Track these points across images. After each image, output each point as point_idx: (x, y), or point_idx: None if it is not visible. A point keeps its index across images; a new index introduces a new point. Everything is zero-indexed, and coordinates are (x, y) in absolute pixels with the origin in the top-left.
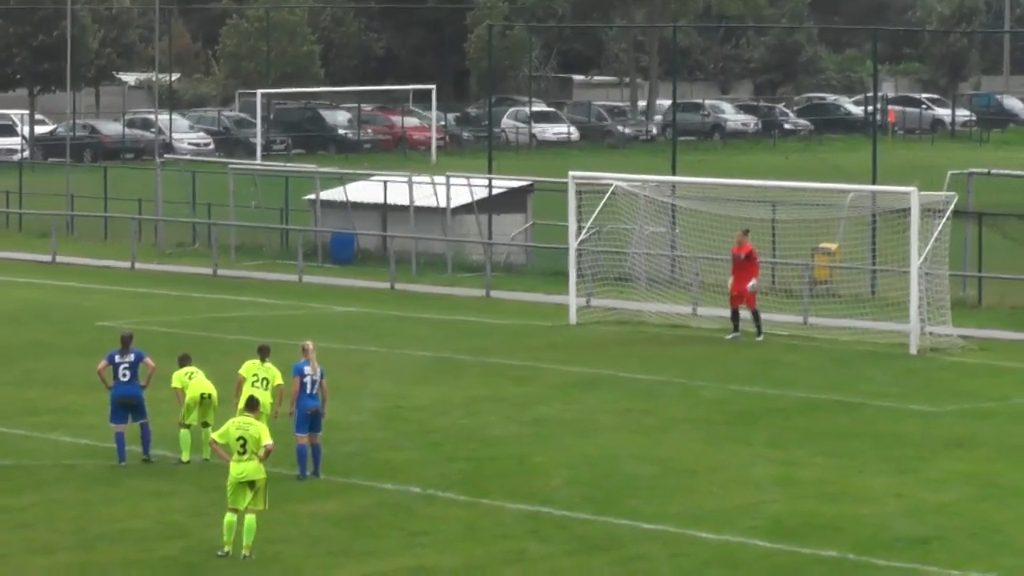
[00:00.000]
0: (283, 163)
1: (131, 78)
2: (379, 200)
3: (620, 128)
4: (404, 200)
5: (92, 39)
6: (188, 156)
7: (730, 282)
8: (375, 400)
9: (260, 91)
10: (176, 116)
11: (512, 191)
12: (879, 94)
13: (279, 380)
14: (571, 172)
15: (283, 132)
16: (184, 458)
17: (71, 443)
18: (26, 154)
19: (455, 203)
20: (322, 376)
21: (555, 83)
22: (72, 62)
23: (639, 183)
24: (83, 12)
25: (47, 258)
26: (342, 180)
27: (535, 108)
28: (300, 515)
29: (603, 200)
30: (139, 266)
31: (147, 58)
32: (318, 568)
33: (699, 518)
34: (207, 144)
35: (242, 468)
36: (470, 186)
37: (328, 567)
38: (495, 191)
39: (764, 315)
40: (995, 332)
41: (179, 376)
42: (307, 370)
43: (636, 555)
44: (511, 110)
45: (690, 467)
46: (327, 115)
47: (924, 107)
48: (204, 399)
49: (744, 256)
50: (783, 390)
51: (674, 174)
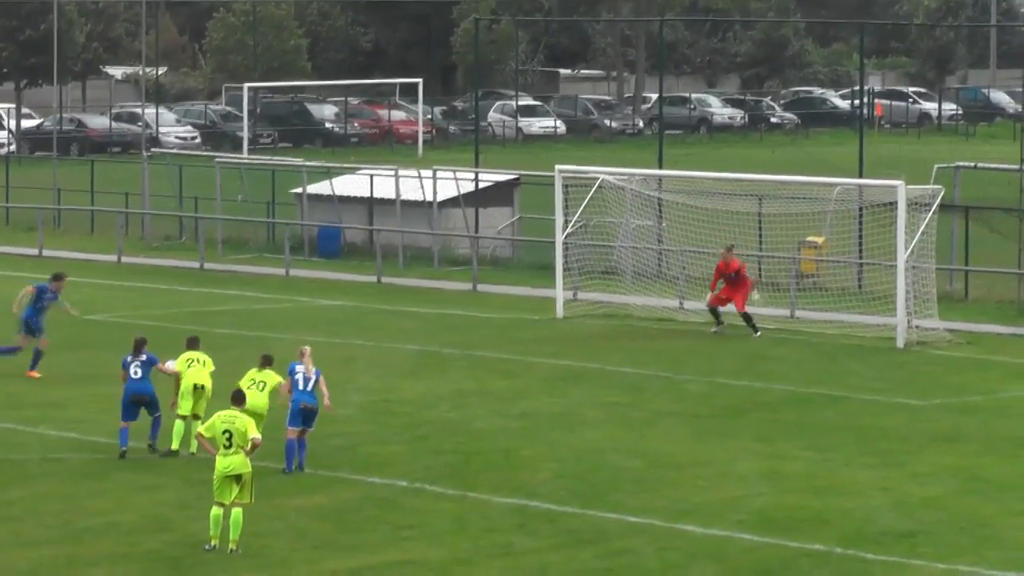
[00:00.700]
0: (270, 157)
1: (118, 72)
2: (366, 194)
3: (607, 122)
4: (391, 194)
5: (79, 33)
6: (175, 150)
7: (714, 292)
8: (362, 394)
9: (247, 85)
10: (163, 110)
11: (499, 185)
12: (866, 88)
13: (275, 382)
14: (558, 166)
15: (270, 126)
16: (173, 446)
17: (57, 437)
18: (13, 148)
19: (442, 197)
20: (318, 377)
21: (542, 77)
22: (59, 56)
23: (626, 177)
24: (70, 6)
25: (34, 252)
26: (329, 174)
27: (522, 102)
28: (287, 509)
29: (590, 194)
30: (126, 260)
31: (134, 52)
32: (305, 562)
33: (685, 512)
34: (194, 138)
35: (228, 462)
36: (457, 180)
37: (315, 561)
38: (482, 185)
39: (751, 308)
40: (981, 326)
41: (181, 360)
42: (299, 368)
43: (623, 549)
44: (498, 104)
45: (676, 461)
46: (314, 109)
47: (911, 101)
48: (196, 389)
49: (734, 274)
50: (769, 384)
51: (660, 168)
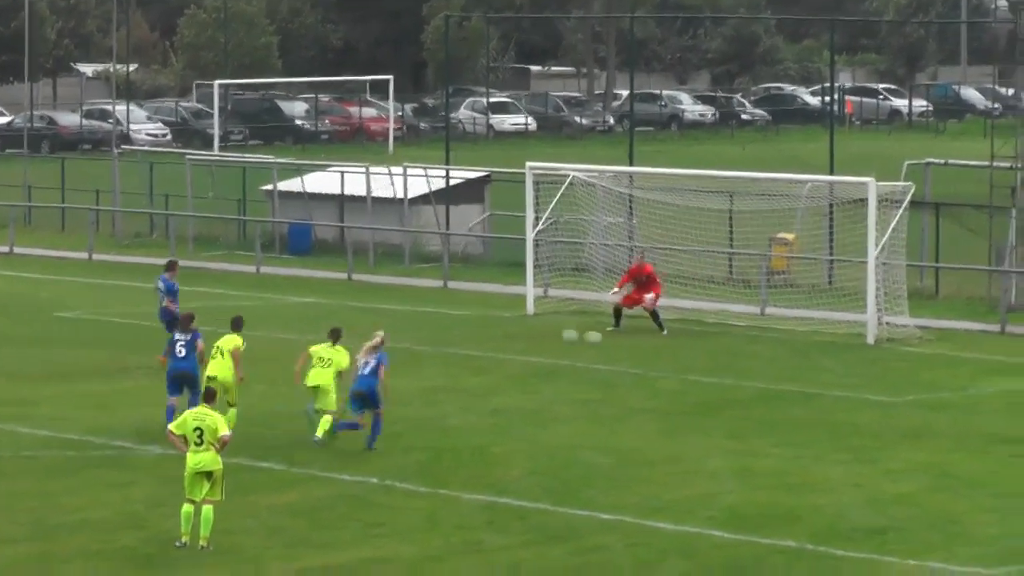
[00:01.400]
0: (240, 154)
1: (89, 69)
2: (336, 191)
3: (577, 119)
4: (361, 191)
5: (50, 30)
6: (146, 147)
7: (620, 291)
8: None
9: (218, 82)
10: (134, 107)
11: (470, 182)
12: (836, 84)
13: (345, 365)
14: (528, 163)
15: (241, 123)
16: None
17: (30, 434)
18: None
19: (412, 194)
20: (378, 363)
21: (512, 74)
22: (30, 53)
23: (596, 174)
24: (41, 3)
25: (5, 249)
26: (299, 171)
27: (492, 99)
28: (258, 506)
29: (560, 191)
30: (97, 257)
31: (105, 49)
32: (277, 559)
33: (657, 509)
34: (165, 135)
35: (199, 459)
36: (427, 177)
37: (287, 558)
38: (452, 182)
39: (722, 305)
40: (952, 322)
41: (236, 338)
42: (362, 356)
43: (594, 546)
44: (468, 101)
45: (648, 458)
46: (284, 106)
47: (881, 97)
48: (210, 380)
49: (645, 277)
50: (741, 381)
51: (631, 164)
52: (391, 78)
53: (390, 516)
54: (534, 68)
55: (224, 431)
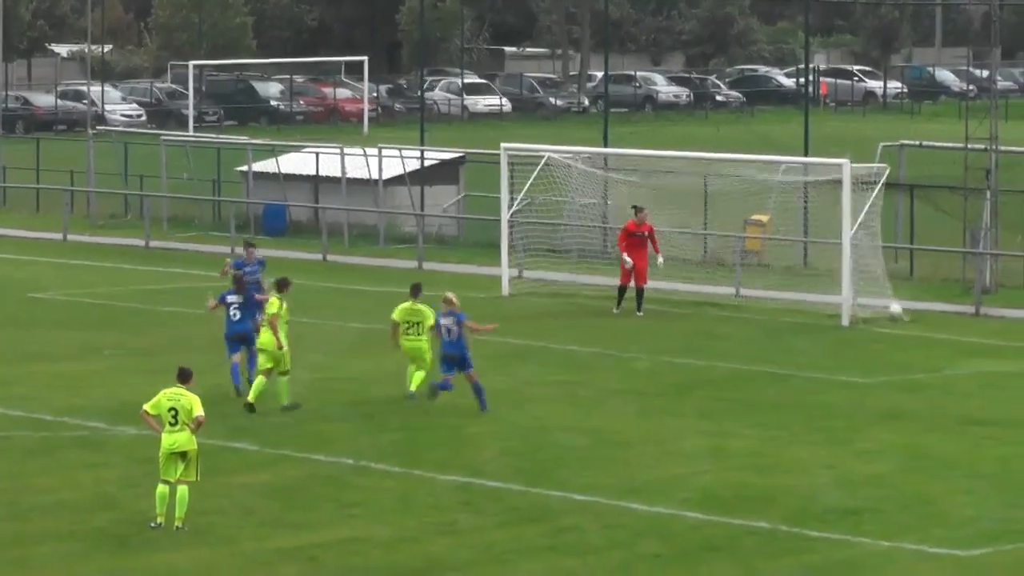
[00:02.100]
0: (215, 135)
1: (63, 50)
2: (311, 172)
3: (552, 100)
4: (336, 172)
5: (24, 10)
6: (120, 128)
7: (622, 254)
8: (307, 371)
9: (192, 63)
10: (108, 88)
11: (444, 163)
12: (811, 66)
13: (431, 321)
14: (503, 144)
15: (215, 104)
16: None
17: (2, 415)
18: None
19: (387, 175)
20: (459, 323)
21: (487, 55)
22: (4, 33)
23: (571, 155)
24: None
25: None
26: (274, 152)
27: (467, 80)
28: (233, 486)
29: (535, 172)
30: (71, 238)
31: (79, 29)
32: (251, 539)
33: (631, 490)
34: (139, 116)
35: (174, 439)
36: (402, 158)
37: (261, 538)
38: (427, 163)
39: (696, 287)
40: (926, 304)
41: (274, 302)
42: (443, 321)
43: (568, 526)
44: (443, 82)
45: (622, 439)
46: (259, 87)
47: (856, 79)
48: (260, 351)
49: (645, 233)
50: (715, 362)
51: (606, 146)
52: (366, 59)
53: (365, 496)
54: (508, 49)
55: (198, 411)
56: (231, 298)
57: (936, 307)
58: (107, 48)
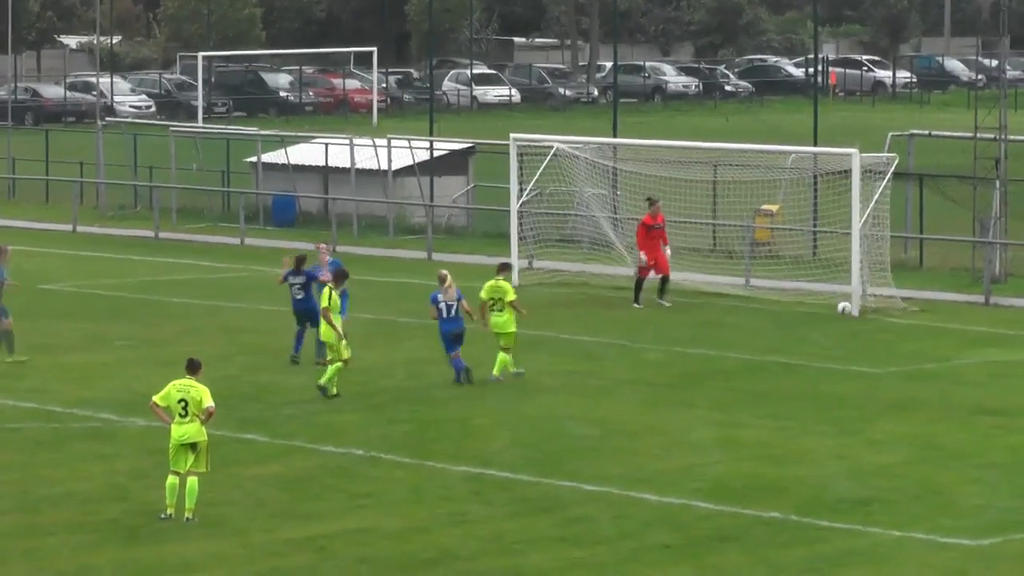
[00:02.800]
0: (224, 126)
1: (72, 41)
2: (320, 162)
3: (561, 90)
4: (345, 162)
5: (33, 2)
6: (129, 119)
7: (640, 250)
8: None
9: (201, 54)
10: (117, 79)
11: (453, 153)
12: (820, 56)
13: (512, 296)
14: (512, 134)
15: (224, 95)
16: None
17: (13, 406)
18: None
19: (396, 165)
20: (459, 299)
21: (496, 46)
22: (13, 25)
23: (580, 145)
24: None
25: None
26: (283, 143)
27: (476, 71)
28: (243, 477)
29: (544, 162)
30: (81, 229)
31: (88, 21)
32: (262, 530)
33: (641, 480)
34: (148, 107)
35: (184, 430)
36: (411, 148)
37: (271, 529)
38: (436, 153)
39: (706, 276)
40: (936, 293)
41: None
42: (441, 297)
43: (579, 517)
44: (452, 72)
45: (632, 429)
46: (268, 78)
47: (865, 69)
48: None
49: (661, 224)
50: (725, 352)
51: (615, 136)
52: (375, 50)
53: (375, 487)
54: (518, 40)
55: (208, 402)
56: (292, 279)
57: (946, 296)
58: (116, 39)
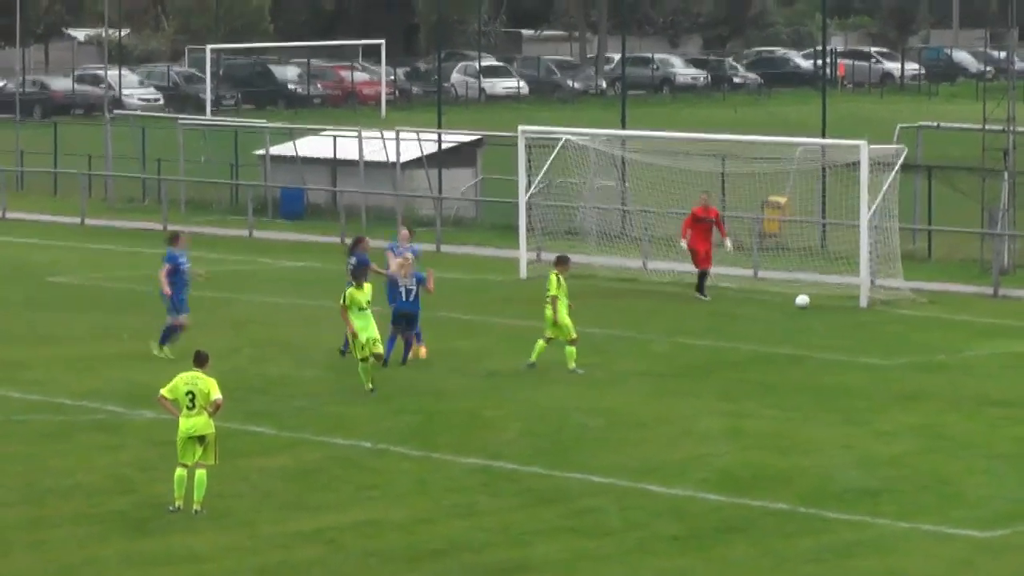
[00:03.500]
0: (233, 118)
1: (80, 34)
2: (329, 155)
3: (570, 82)
4: (354, 155)
5: None
6: (138, 112)
7: (685, 239)
8: (325, 355)
9: (209, 46)
10: (126, 72)
11: (462, 146)
12: (828, 48)
13: (550, 291)
14: (521, 126)
15: (233, 87)
16: (368, 386)
17: (20, 398)
18: None
19: (405, 158)
20: (419, 282)
21: (504, 38)
22: (21, 18)
23: (589, 137)
24: None
25: None
26: (292, 135)
27: (484, 63)
28: (251, 470)
29: (553, 154)
30: (89, 222)
31: (96, 13)
32: (270, 522)
33: (649, 471)
34: (157, 100)
35: (191, 423)
36: (420, 141)
37: (279, 521)
38: (445, 146)
39: (714, 268)
40: (945, 285)
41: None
42: (401, 277)
43: (587, 508)
44: (460, 65)
45: (640, 420)
46: (276, 70)
47: (873, 61)
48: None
49: (712, 219)
50: (733, 343)
51: (624, 128)
52: (383, 42)
53: (382, 479)
54: (526, 32)
55: (216, 395)
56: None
57: (954, 288)
58: (124, 32)
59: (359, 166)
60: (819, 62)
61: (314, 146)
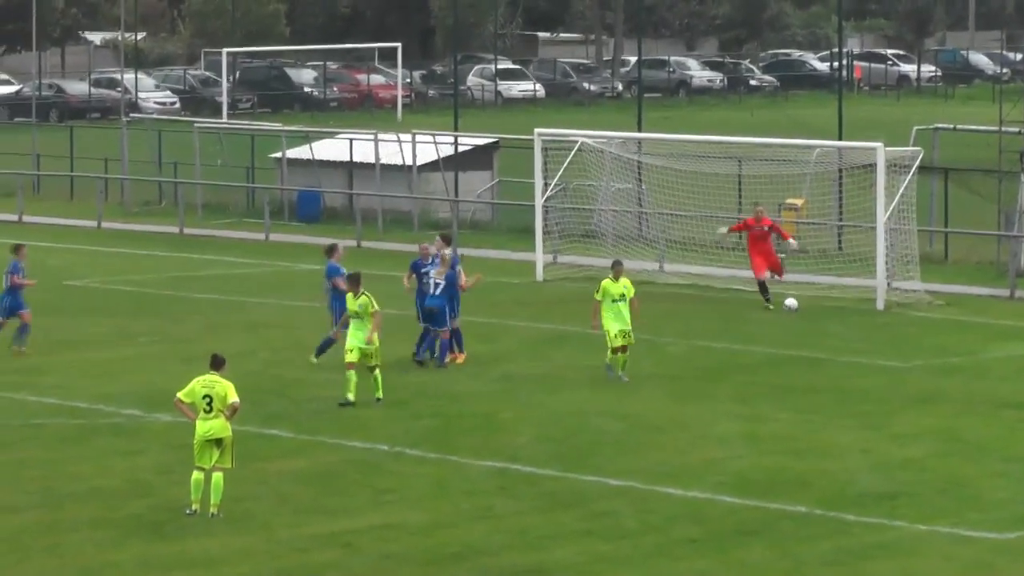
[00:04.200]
0: (249, 122)
1: (97, 37)
2: (345, 158)
3: (586, 85)
4: (370, 158)
5: None
6: (154, 115)
7: (734, 232)
8: (342, 357)
9: (226, 50)
10: (142, 75)
11: (478, 148)
12: (844, 50)
13: (633, 292)
14: (537, 129)
15: (249, 91)
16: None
17: (37, 402)
18: None
19: (421, 161)
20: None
21: (521, 40)
22: (37, 22)
23: (605, 140)
24: None
25: (13, 217)
26: (308, 138)
27: (501, 66)
28: (268, 473)
29: (569, 157)
30: (105, 225)
31: (113, 17)
32: (286, 526)
33: (666, 474)
34: (173, 103)
35: (208, 426)
36: (436, 144)
37: (296, 525)
38: (461, 148)
39: (730, 271)
40: (961, 287)
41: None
42: (434, 272)
43: (603, 511)
44: (477, 67)
45: (657, 423)
46: (293, 73)
47: (890, 63)
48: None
49: (767, 227)
50: (749, 346)
51: (640, 130)
52: (399, 45)
53: (400, 482)
54: (542, 35)
55: (233, 398)
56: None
57: (971, 290)
58: (140, 36)
59: (375, 169)
60: (835, 64)
61: (330, 149)
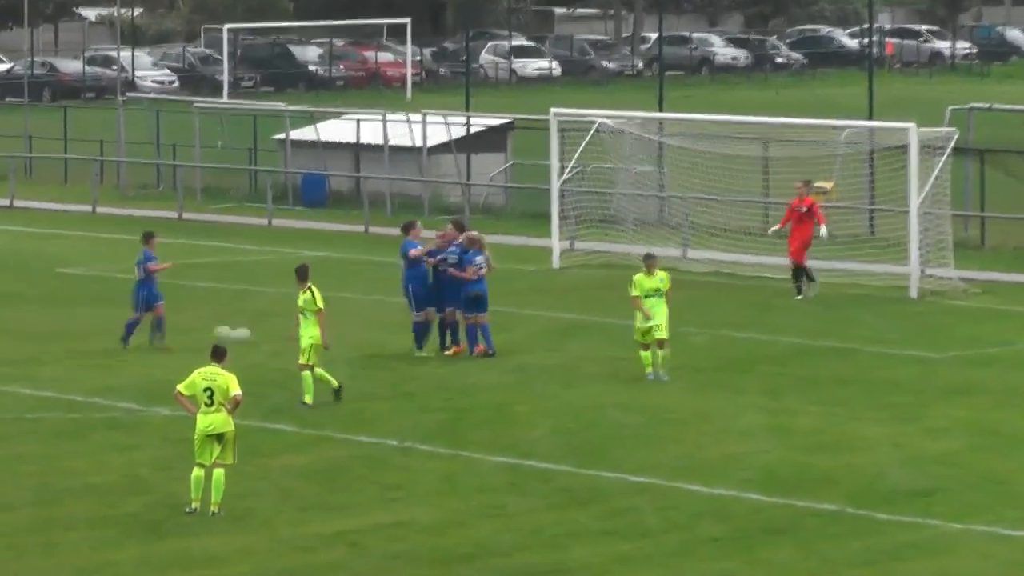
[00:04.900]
0: (251, 101)
1: (91, 13)
2: (352, 139)
3: (604, 63)
4: (378, 139)
5: None
6: (151, 95)
7: (782, 229)
8: (348, 349)
9: (227, 26)
10: (139, 53)
11: (491, 129)
12: (875, 26)
13: (668, 286)
14: (553, 109)
15: (251, 69)
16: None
17: (32, 396)
18: None
19: (431, 142)
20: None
21: (536, 16)
22: None
23: (624, 120)
24: None
25: (5, 202)
26: (313, 119)
27: (515, 42)
28: (271, 469)
29: (587, 138)
30: (101, 210)
31: None
32: (290, 524)
33: (689, 470)
34: (171, 82)
35: (209, 420)
36: (447, 124)
37: (300, 523)
38: (473, 129)
39: (756, 258)
40: (998, 274)
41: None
42: (477, 259)
43: (623, 508)
44: (490, 44)
45: (679, 417)
46: (297, 51)
47: (922, 39)
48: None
49: (807, 209)
50: (775, 336)
51: (661, 110)
52: (408, 21)
53: (408, 479)
54: (558, 10)
55: (235, 391)
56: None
57: (1008, 277)
58: (137, 11)
59: (384, 151)
60: (865, 41)
61: (336, 130)
